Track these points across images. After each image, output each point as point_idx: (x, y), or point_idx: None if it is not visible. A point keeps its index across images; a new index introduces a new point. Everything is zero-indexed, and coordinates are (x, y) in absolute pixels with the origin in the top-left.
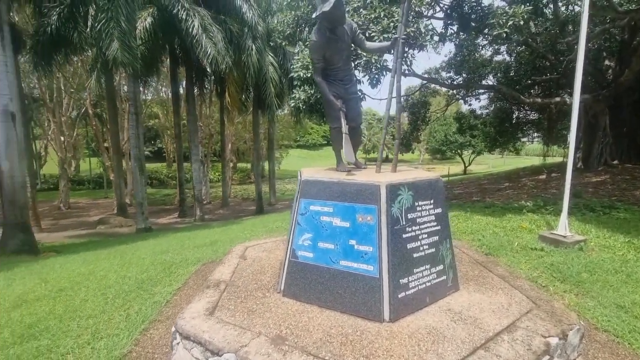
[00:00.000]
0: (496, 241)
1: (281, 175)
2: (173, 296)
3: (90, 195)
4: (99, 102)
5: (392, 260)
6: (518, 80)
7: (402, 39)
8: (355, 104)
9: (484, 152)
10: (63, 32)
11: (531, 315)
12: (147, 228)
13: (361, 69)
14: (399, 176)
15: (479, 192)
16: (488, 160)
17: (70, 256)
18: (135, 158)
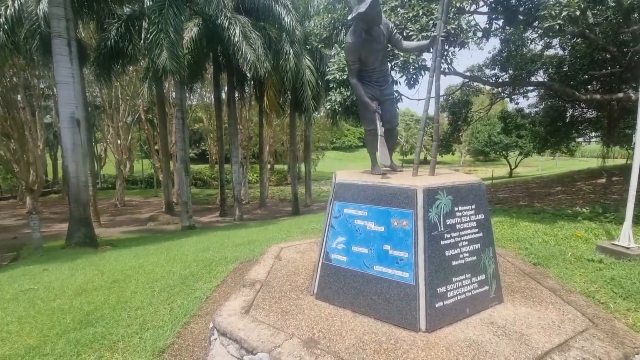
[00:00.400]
0: (546, 250)
1: (317, 177)
2: (212, 292)
3: (142, 194)
4: (151, 107)
5: (429, 267)
6: (573, 76)
7: (441, 37)
8: (390, 105)
9: (532, 153)
10: (120, 45)
11: (587, 335)
12: (191, 226)
13: (398, 69)
14: (437, 180)
15: (527, 197)
16: (537, 162)
17: (123, 250)
18: (181, 160)
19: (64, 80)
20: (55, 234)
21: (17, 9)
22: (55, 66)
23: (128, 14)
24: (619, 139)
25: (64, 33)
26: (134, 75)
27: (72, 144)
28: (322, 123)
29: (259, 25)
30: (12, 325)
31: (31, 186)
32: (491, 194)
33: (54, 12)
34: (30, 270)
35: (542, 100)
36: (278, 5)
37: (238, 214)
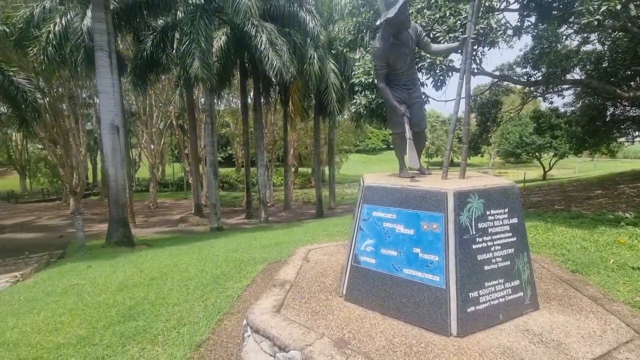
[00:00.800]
0: (585, 257)
1: (340, 180)
2: (243, 292)
3: (173, 197)
4: (181, 114)
5: (460, 271)
6: (614, 72)
7: (471, 39)
8: (418, 108)
9: (568, 154)
10: (155, 55)
11: (632, 346)
12: (220, 227)
13: (425, 70)
14: (467, 183)
15: (563, 200)
16: (573, 164)
17: (158, 249)
18: (210, 163)
19: (105, 90)
20: (96, 234)
21: (64, 26)
22: (97, 77)
23: (162, 25)
24: None
25: (105, 46)
26: (166, 83)
27: (112, 149)
28: (346, 126)
29: (284, 32)
30: (64, 317)
31: (74, 189)
32: (523, 197)
33: (97, 27)
34: (76, 267)
35: (579, 99)
36: (303, 11)
37: (264, 216)
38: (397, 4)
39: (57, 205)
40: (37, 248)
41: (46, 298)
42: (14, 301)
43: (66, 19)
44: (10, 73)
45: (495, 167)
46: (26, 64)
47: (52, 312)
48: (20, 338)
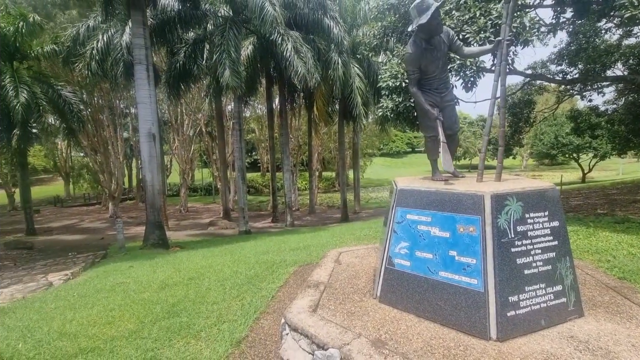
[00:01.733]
0: (633, 264)
1: (365, 184)
2: (277, 292)
3: (202, 201)
4: (210, 121)
5: (499, 275)
6: None
7: (506, 41)
8: (451, 111)
9: (610, 155)
10: (187, 66)
11: None
12: (247, 231)
13: (454, 72)
14: (504, 185)
15: (606, 204)
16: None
17: (191, 251)
18: (238, 169)
19: (143, 101)
20: (133, 236)
21: (105, 42)
22: (136, 88)
23: (194, 38)
24: None
25: (143, 60)
26: (195, 92)
27: (149, 156)
28: (370, 130)
29: (308, 39)
30: (114, 312)
31: (113, 193)
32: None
33: (136, 42)
34: (119, 267)
35: (622, 96)
36: (327, 18)
37: (289, 220)
38: (430, 10)
39: (97, 209)
40: (82, 248)
41: (97, 294)
42: (69, 296)
43: (107, 36)
44: (59, 87)
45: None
46: (71, 79)
47: (103, 307)
48: (79, 330)
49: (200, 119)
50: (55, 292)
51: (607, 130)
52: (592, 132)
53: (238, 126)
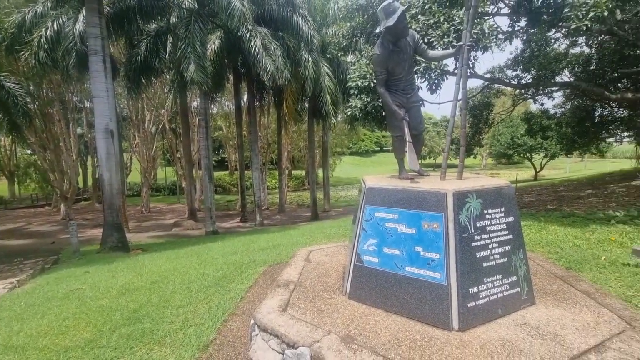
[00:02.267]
0: (578, 254)
1: (334, 183)
2: (246, 293)
3: (165, 201)
4: (174, 117)
5: (460, 268)
6: (601, 74)
7: (467, 46)
8: (417, 112)
9: (559, 155)
10: (149, 60)
11: (625, 337)
12: (215, 231)
13: (420, 74)
14: (466, 183)
15: (555, 200)
16: (564, 164)
17: (154, 254)
18: (205, 167)
19: (99, 94)
20: (89, 239)
21: (56, 30)
22: (91, 81)
23: (156, 30)
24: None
25: (99, 51)
26: (158, 87)
27: (107, 154)
28: (340, 129)
29: (277, 36)
30: (68, 321)
31: (65, 194)
32: (517, 197)
33: (91, 32)
34: (73, 272)
35: (569, 100)
36: (296, 15)
37: (259, 219)
38: (396, 14)
39: (47, 211)
40: (30, 254)
41: (48, 303)
42: (15, 306)
43: (58, 24)
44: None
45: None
46: (16, 69)
47: (56, 317)
48: (28, 342)
49: (163, 115)
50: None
51: (556, 132)
52: (543, 133)
53: (204, 123)
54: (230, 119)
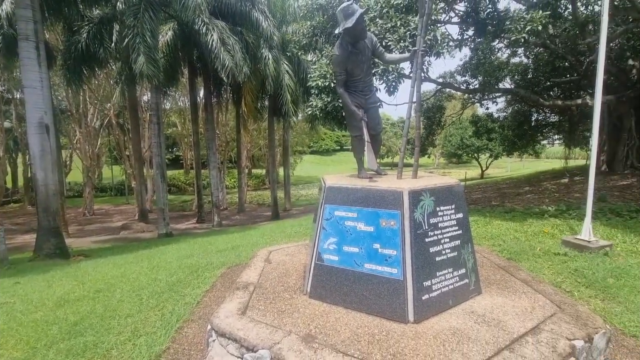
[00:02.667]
0: (517, 246)
1: (295, 181)
2: (202, 297)
3: (112, 202)
4: (122, 112)
5: (415, 263)
6: (537, 83)
7: (421, 51)
8: (375, 112)
9: (501, 155)
10: (92, 49)
11: (555, 319)
12: (169, 233)
13: (378, 77)
14: (420, 182)
15: (498, 197)
16: (506, 163)
17: (99, 260)
18: (157, 166)
19: (32, 85)
20: (20, 246)
21: None
22: (22, 70)
23: (100, 16)
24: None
25: (31, 36)
26: (103, 79)
27: (41, 151)
28: (300, 127)
29: (236, 30)
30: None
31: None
32: (466, 195)
33: (22, 14)
34: (0, 284)
35: (510, 106)
36: (256, 11)
37: (217, 220)
38: (355, 16)
39: None
40: None
41: None
42: None
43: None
44: None
45: (440, 167)
46: None
47: None
48: None
49: (109, 109)
50: None
51: (499, 134)
52: (488, 135)
53: (156, 119)
54: (185, 115)
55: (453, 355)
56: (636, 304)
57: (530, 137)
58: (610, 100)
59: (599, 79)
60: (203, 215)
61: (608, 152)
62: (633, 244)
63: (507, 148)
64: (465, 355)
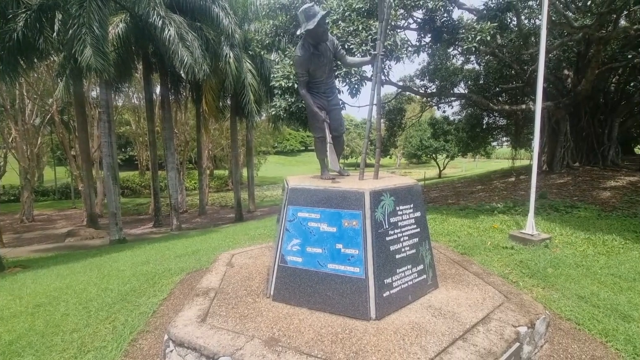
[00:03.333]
0: (470, 241)
1: (259, 182)
2: (159, 306)
3: (56, 206)
4: (66, 108)
5: (376, 262)
6: (487, 88)
7: (380, 55)
8: (337, 114)
9: (457, 156)
10: (30, 38)
11: (503, 308)
12: (122, 239)
13: (341, 79)
14: (381, 183)
15: (454, 195)
16: (461, 163)
17: (40, 271)
18: (108, 167)
19: None
20: None
21: None
22: None
23: (39, 3)
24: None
25: None
26: (44, 72)
27: None
28: (264, 127)
29: (195, 26)
30: None
31: None
32: (424, 193)
33: None
34: None
35: (464, 109)
36: (216, 6)
37: (175, 223)
38: (317, 17)
39: None
40: None
41: None
42: None
43: None
44: None
45: (401, 167)
46: None
47: None
48: None
49: (51, 104)
50: None
51: (454, 136)
52: (445, 137)
53: (107, 117)
54: (140, 113)
55: (412, 349)
56: (571, 291)
57: (482, 139)
58: (549, 106)
59: (539, 87)
60: (160, 219)
61: (548, 153)
62: (568, 236)
63: (462, 149)
64: (423, 347)
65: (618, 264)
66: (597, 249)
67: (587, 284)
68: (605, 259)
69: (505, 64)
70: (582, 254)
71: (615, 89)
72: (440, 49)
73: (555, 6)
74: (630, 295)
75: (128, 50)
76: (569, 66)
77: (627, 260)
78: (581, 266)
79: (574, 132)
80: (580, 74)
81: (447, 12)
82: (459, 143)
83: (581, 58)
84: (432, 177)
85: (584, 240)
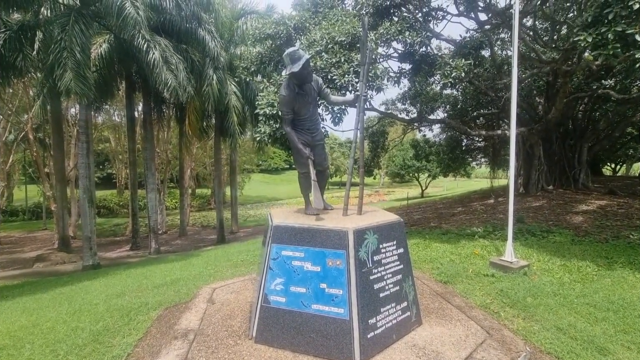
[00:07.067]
0: (452, 269)
1: (243, 201)
2: (134, 348)
3: (24, 228)
4: (42, 125)
5: (360, 302)
6: (465, 113)
7: (363, 96)
8: (321, 150)
9: (438, 175)
10: (9, 57)
11: (485, 346)
12: (96, 265)
13: (324, 108)
14: (364, 220)
15: (436, 218)
16: (443, 183)
17: (4, 304)
18: (85, 189)
19: None
20: None
21: None
22: None
23: (20, 22)
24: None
25: None
26: (20, 88)
27: None
28: (248, 146)
29: (180, 48)
30: None
31: None
32: (407, 215)
33: None
34: None
35: (444, 132)
36: (202, 30)
37: (154, 246)
38: (301, 61)
39: None
40: None
41: None
42: None
43: None
44: None
45: (385, 186)
46: None
47: None
48: None
49: (26, 121)
50: None
51: (436, 157)
52: (426, 157)
53: (85, 137)
54: (120, 131)
55: None
56: (550, 322)
57: (462, 160)
58: (523, 131)
59: (513, 113)
60: (138, 241)
61: (524, 176)
62: (545, 262)
63: (443, 169)
64: None
65: (592, 292)
66: (573, 275)
67: (565, 314)
68: (581, 287)
69: (482, 91)
70: (559, 281)
71: (583, 116)
72: (420, 77)
73: (525, 41)
74: (604, 327)
75: (111, 70)
76: (540, 94)
77: (600, 288)
78: (558, 295)
79: (547, 156)
80: (550, 102)
81: (425, 46)
82: (440, 164)
83: (550, 87)
84: (415, 197)
85: (560, 267)
